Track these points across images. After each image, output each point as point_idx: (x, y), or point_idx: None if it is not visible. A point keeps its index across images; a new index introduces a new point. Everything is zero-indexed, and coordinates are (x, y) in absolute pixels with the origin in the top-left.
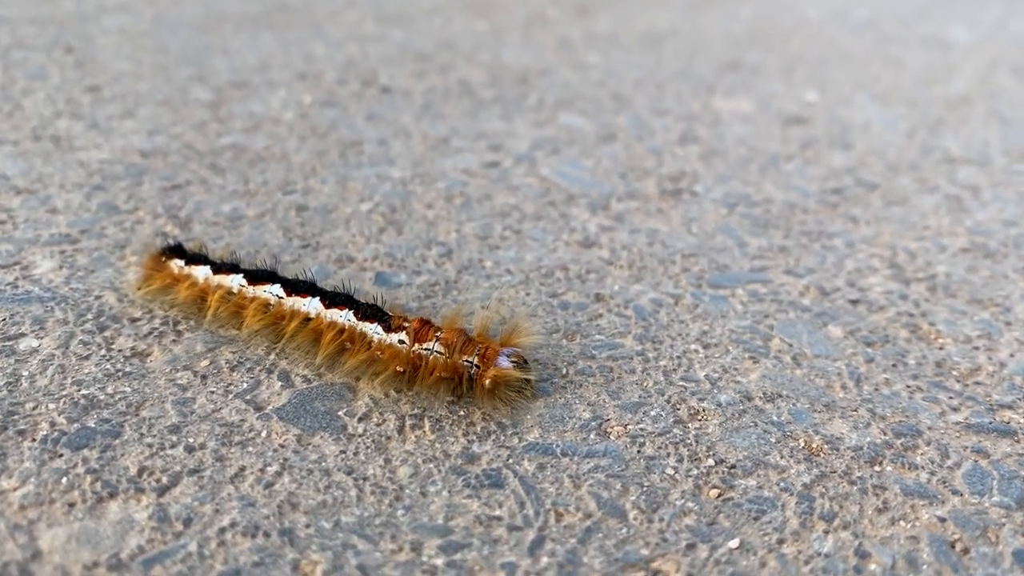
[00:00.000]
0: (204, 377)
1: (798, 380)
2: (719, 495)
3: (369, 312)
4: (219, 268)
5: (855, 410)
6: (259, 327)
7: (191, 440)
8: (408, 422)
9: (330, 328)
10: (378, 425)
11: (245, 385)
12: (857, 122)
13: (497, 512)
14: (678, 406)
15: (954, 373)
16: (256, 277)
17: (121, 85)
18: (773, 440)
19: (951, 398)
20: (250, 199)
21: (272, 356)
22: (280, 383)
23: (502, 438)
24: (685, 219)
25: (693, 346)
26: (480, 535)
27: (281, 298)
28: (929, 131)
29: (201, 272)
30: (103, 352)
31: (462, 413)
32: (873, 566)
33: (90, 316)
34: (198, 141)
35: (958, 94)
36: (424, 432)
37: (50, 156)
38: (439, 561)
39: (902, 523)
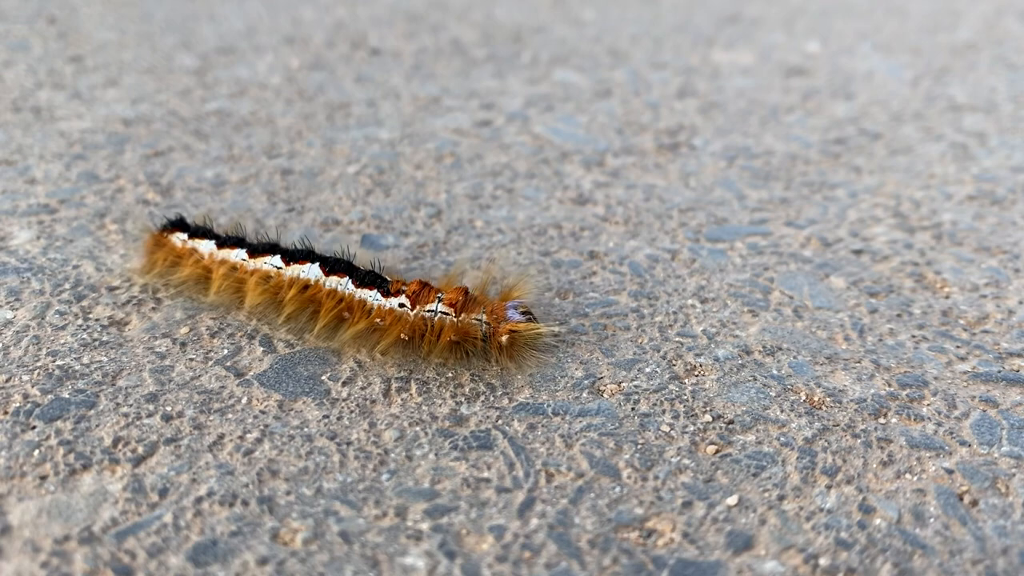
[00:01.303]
0: (183, 344)
1: (799, 333)
2: (716, 451)
3: (367, 278)
4: (224, 242)
5: (858, 362)
6: (260, 301)
7: (168, 409)
8: (394, 385)
9: (329, 297)
10: (363, 389)
11: (226, 351)
12: (860, 72)
13: (486, 474)
14: (674, 362)
15: (961, 322)
16: (258, 250)
17: (105, 54)
18: (773, 394)
19: (958, 347)
20: (234, 164)
21: (254, 322)
22: (262, 349)
23: (491, 399)
24: (683, 173)
25: (690, 301)
26: (468, 498)
27: (280, 268)
28: (934, 79)
29: (205, 247)
30: (80, 322)
31: (450, 375)
32: (878, 520)
33: (67, 286)
34: (182, 108)
35: (964, 41)
36: (411, 395)
37: (30, 127)
38: (424, 526)
39: (908, 476)
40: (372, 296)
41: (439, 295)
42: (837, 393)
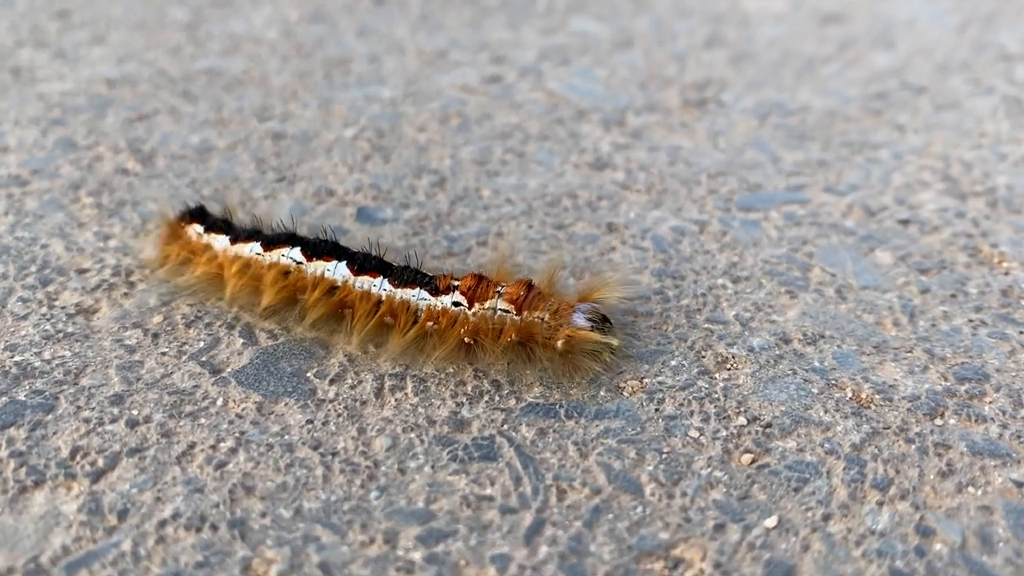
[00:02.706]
0: (156, 336)
1: (843, 317)
2: (752, 461)
3: (407, 276)
4: (238, 237)
5: (910, 351)
6: (279, 300)
7: (135, 412)
8: (388, 383)
9: (363, 300)
10: (352, 387)
11: (202, 344)
12: (901, 18)
13: (488, 491)
14: (703, 353)
15: (1023, 302)
16: (273, 241)
17: (93, 9)
18: (815, 391)
19: (1022, 333)
20: (222, 128)
21: (235, 309)
22: (242, 340)
23: (497, 399)
24: (711, 133)
25: (720, 281)
26: (467, 520)
27: (300, 263)
28: (982, 25)
29: (220, 242)
30: (44, 310)
31: (451, 370)
32: (938, 545)
33: (33, 269)
34: (171, 67)
35: None
36: (406, 394)
37: (7, 90)
38: (417, 555)
39: (971, 489)
40: (417, 296)
41: (499, 289)
42: (887, 389)
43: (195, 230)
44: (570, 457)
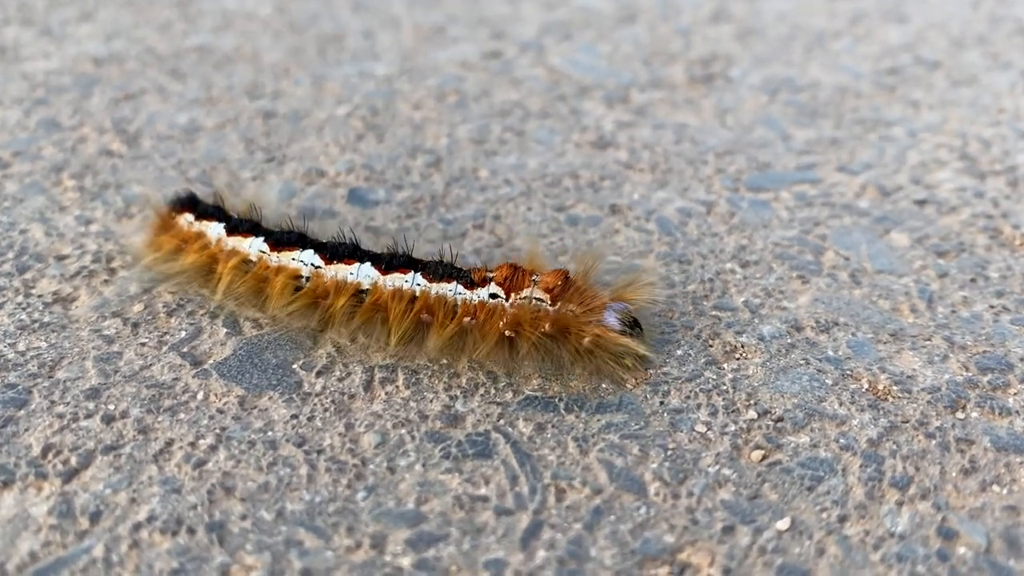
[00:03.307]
0: (136, 325)
1: (857, 303)
2: (763, 458)
3: (441, 270)
4: (235, 227)
5: (928, 339)
6: (293, 308)
7: (111, 408)
8: (378, 375)
9: (396, 299)
10: (340, 380)
11: (183, 334)
12: None
13: (483, 491)
14: (710, 342)
15: None
16: (282, 240)
17: None
18: (829, 382)
19: None
20: (211, 107)
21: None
22: (225, 330)
23: (492, 392)
24: (718, 110)
25: (729, 265)
26: (460, 523)
27: (318, 267)
28: None
29: (214, 230)
30: (20, 299)
31: (444, 362)
32: (962, 549)
33: (11, 255)
34: (160, 44)
35: None
36: (397, 387)
37: None
38: (406, 561)
39: (995, 488)
40: (453, 290)
41: (534, 278)
42: (905, 380)
43: (186, 219)
44: (570, 454)
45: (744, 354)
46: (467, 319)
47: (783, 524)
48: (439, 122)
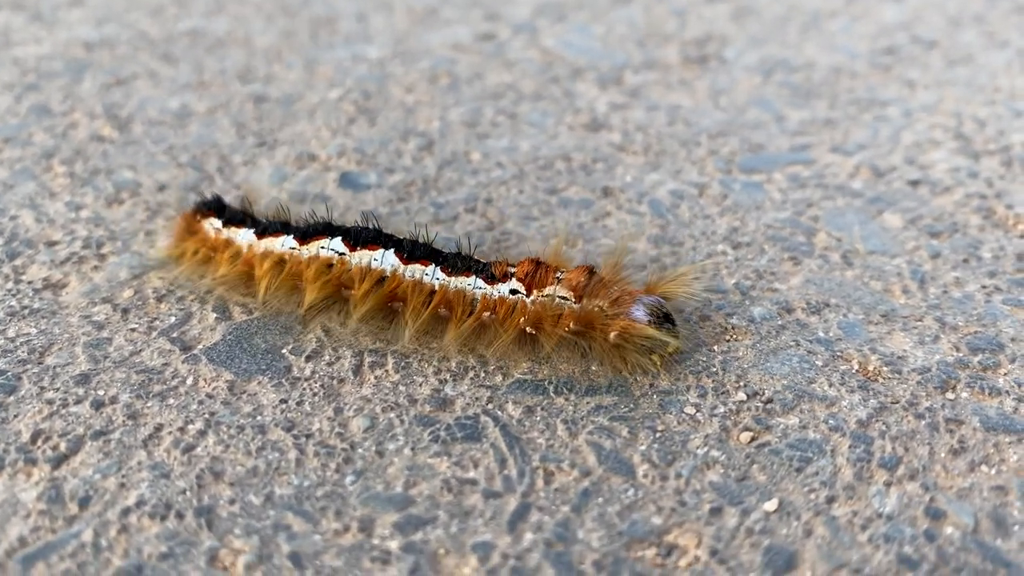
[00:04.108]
0: (125, 311)
1: (849, 284)
2: (752, 440)
3: (461, 263)
4: (265, 230)
5: (920, 320)
6: (322, 297)
7: (101, 393)
8: (367, 360)
9: (415, 291)
10: (330, 364)
11: (173, 319)
12: None
13: (471, 474)
14: (700, 324)
15: None
16: (308, 233)
17: None
18: (819, 363)
19: None
20: (203, 92)
21: (208, 281)
22: (215, 315)
23: (482, 375)
24: (712, 91)
25: (720, 247)
26: (448, 506)
27: (343, 254)
28: None
29: (244, 237)
30: (10, 285)
31: (434, 345)
32: (949, 529)
33: (0, 241)
34: (152, 28)
35: None
36: (386, 371)
37: None
38: (394, 544)
39: (984, 468)
40: (473, 284)
41: (558, 275)
42: (896, 361)
43: (212, 224)
44: (559, 436)
45: (734, 336)
46: (486, 314)
47: (771, 505)
48: (431, 105)
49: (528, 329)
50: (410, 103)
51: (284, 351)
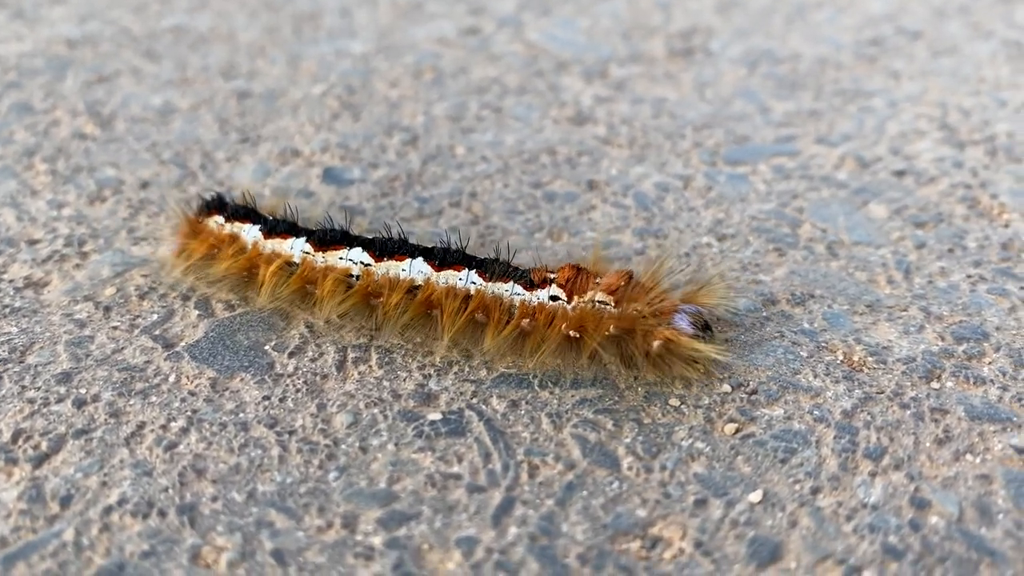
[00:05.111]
0: (108, 309)
1: (834, 275)
2: (737, 431)
3: (498, 269)
4: (272, 228)
5: (905, 310)
6: (344, 309)
7: (83, 392)
8: (351, 355)
9: (449, 297)
10: (313, 360)
11: (155, 317)
12: None
13: (455, 468)
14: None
15: None
16: (326, 239)
17: None
18: (804, 354)
19: (1023, 288)
20: (186, 88)
21: (191, 279)
22: (197, 312)
23: (467, 370)
24: (698, 83)
25: (705, 239)
26: (432, 501)
27: (369, 265)
28: None
29: (249, 233)
30: None
31: (419, 340)
32: (934, 518)
33: None
34: (135, 25)
35: None
36: (370, 367)
37: None
38: (377, 540)
39: (969, 457)
40: (510, 290)
41: (597, 280)
42: (881, 351)
43: (216, 221)
44: (543, 430)
45: (719, 328)
46: (525, 321)
47: (756, 496)
48: (415, 100)
49: (572, 333)
50: (394, 98)
51: (267, 347)
